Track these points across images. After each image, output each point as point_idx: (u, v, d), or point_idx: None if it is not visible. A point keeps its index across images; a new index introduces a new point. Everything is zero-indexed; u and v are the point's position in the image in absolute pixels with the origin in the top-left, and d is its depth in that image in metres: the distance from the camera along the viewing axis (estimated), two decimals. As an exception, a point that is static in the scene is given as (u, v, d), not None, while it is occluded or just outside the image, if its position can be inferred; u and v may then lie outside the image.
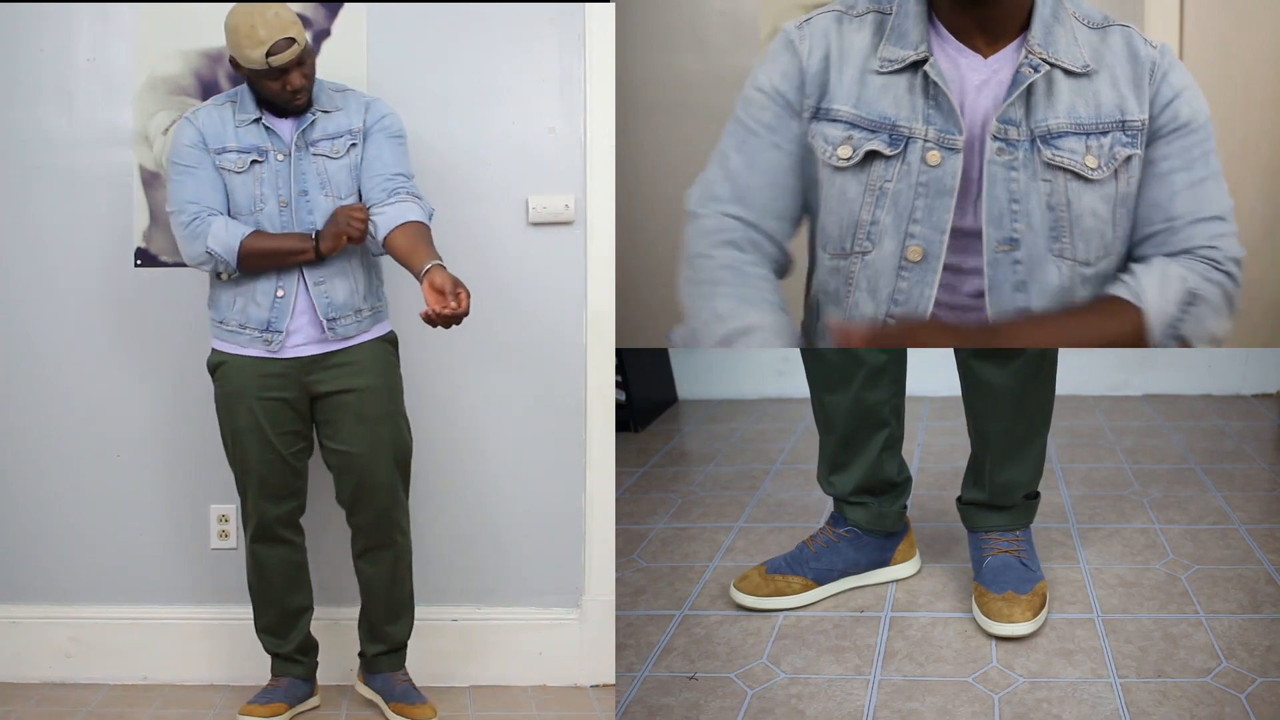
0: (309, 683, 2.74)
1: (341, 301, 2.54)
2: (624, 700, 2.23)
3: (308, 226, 2.52)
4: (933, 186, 1.95)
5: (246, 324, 2.54)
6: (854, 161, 1.97)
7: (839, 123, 1.99)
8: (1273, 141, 3.20)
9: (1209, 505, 3.13)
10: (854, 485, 2.60)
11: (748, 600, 2.54)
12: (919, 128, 1.94)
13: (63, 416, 2.90)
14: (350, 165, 2.55)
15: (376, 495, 2.60)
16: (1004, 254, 1.94)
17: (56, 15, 2.83)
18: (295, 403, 2.57)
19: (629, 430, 4.12)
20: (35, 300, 2.88)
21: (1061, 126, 1.93)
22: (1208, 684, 2.17)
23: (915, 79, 1.96)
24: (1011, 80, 1.93)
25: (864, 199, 1.98)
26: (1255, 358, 4.32)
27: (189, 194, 2.51)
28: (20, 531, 2.91)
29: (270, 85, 2.48)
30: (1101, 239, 1.96)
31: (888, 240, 1.97)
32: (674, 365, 4.62)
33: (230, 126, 2.54)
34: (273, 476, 2.60)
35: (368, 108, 2.59)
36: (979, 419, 2.51)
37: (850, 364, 2.49)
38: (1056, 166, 1.92)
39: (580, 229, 2.90)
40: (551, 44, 2.88)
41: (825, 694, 2.20)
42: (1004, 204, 1.93)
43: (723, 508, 3.26)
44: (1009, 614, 2.37)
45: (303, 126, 2.53)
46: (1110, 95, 1.95)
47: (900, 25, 1.98)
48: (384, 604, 2.68)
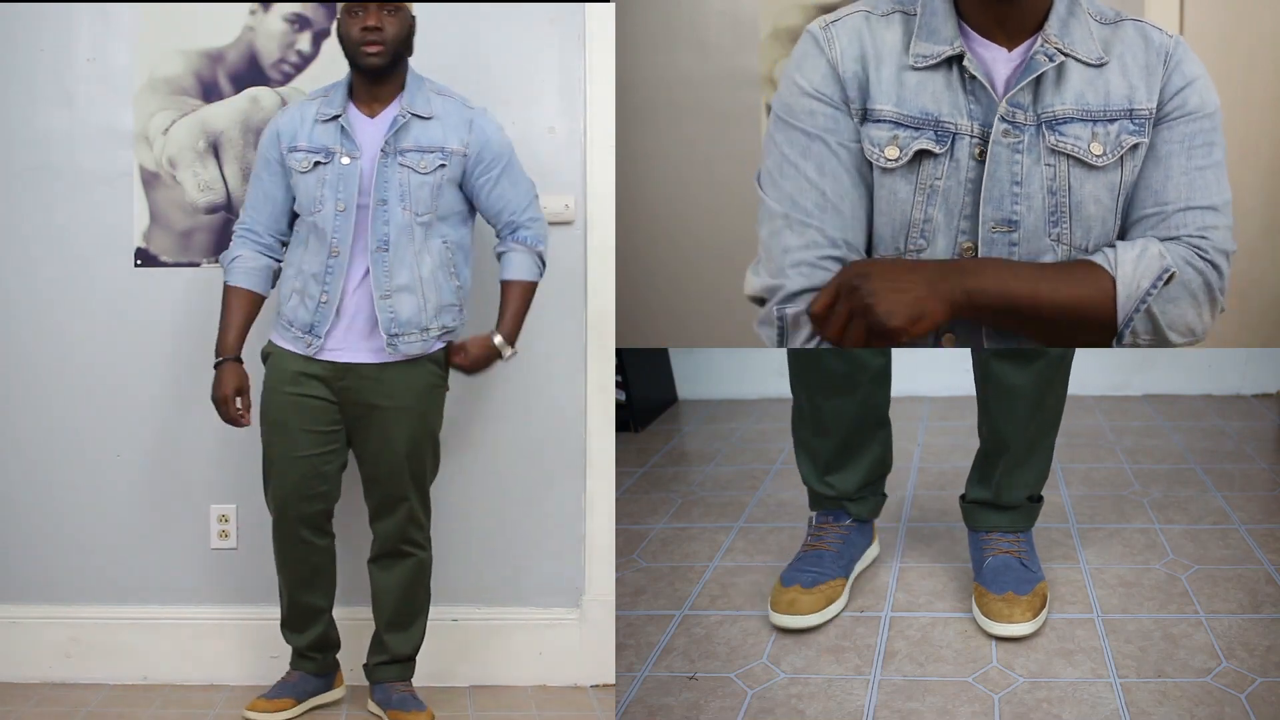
0: (322, 678, 2.74)
1: (406, 318, 2.51)
2: (624, 700, 2.23)
3: (381, 238, 2.48)
4: (980, 181, 1.93)
5: (294, 322, 2.54)
6: (903, 162, 1.94)
7: (883, 123, 1.95)
8: (1273, 141, 3.20)
9: (1209, 505, 3.12)
10: (858, 483, 2.62)
11: (811, 620, 2.43)
12: (964, 123, 1.92)
13: (62, 416, 2.90)
14: (434, 184, 2.50)
15: (397, 510, 2.62)
16: (1001, 234, 1.93)
17: (56, 15, 2.83)
18: (326, 406, 2.56)
19: (629, 430, 4.12)
20: (35, 300, 2.88)
21: (1068, 113, 1.92)
22: (1208, 684, 2.17)
23: (951, 75, 1.94)
24: (1024, 66, 1.93)
25: (915, 198, 1.95)
26: (1255, 358, 4.32)
27: (247, 202, 2.62)
28: (20, 531, 2.91)
29: (350, 25, 2.46)
30: (1103, 226, 1.95)
31: (940, 238, 1.94)
32: (674, 365, 4.62)
33: (309, 124, 2.52)
34: (293, 473, 2.57)
35: (470, 126, 2.54)
36: (995, 420, 2.51)
37: (855, 370, 2.50)
38: (1060, 152, 1.92)
39: (580, 229, 2.91)
40: (551, 44, 2.89)
41: (825, 694, 2.20)
42: (1005, 185, 1.92)
43: (723, 508, 3.25)
44: (1009, 614, 2.37)
45: (394, 130, 2.49)
46: (1120, 84, 1.95)
47: (929, 22, 1.96)
48: (389, 613, 2.68)
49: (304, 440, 2.56)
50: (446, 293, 2.55)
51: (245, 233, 2.59)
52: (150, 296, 2.87)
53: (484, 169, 2.55)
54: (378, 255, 2.49)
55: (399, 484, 2.60)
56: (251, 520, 2.86)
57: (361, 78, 2.52)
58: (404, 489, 2.60)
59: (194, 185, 2.86)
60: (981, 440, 2.59)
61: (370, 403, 2.55)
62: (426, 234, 2.52)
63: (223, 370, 2.55)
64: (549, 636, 2.96)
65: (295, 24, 2.85)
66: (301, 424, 2.55)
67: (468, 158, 2.53)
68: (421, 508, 2.65)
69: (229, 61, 2.85)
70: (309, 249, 2.53)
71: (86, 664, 2.90)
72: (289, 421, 2.55)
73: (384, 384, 2.54)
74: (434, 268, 2.53)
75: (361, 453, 2.60)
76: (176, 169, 2.85)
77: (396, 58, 2.50)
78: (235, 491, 2.90)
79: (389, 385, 2.54)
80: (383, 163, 2.49)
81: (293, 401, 2.54)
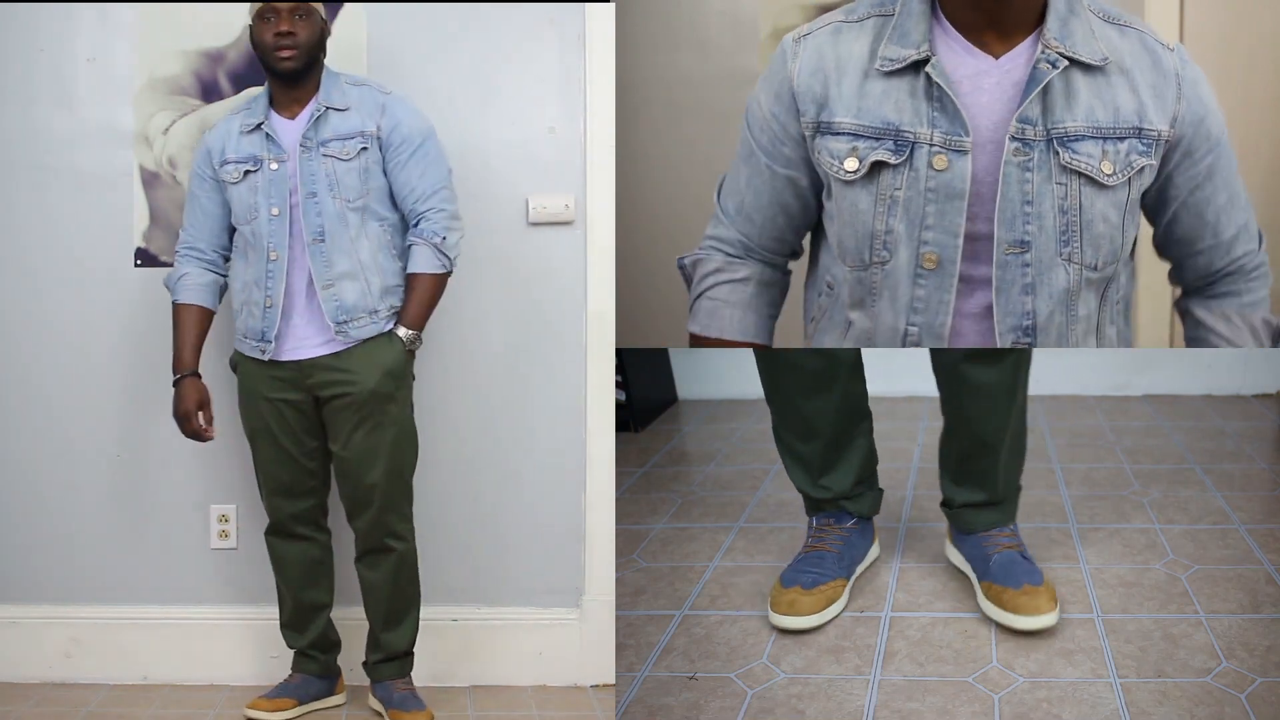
0: (325, 680, 2.74)
1: (352, 303, 2.52)
2: (624, 700, 2.23)
3: (315, 230, 2.50)
4: (942, 191, 1.91)
5: (247, 333, 2.57)
6: (861, 173, 1.95)
7: (842, 135, 1.96)
8: (1273, 141, 3.20)
9: (1209, 505, 3.12)
10: (852, 480, 2.62)
11: (811, 621, 2.42)
12: (924, 131, 1.91)
13: (62, 416, 2.90)
14: (360, 168, 2.52)
15: (370, 501, 2.60)
16: (1014, 256, 1.92)
17: (56, 15, 2.83)
18: (302, 405, 2.58)
19: (629, 430, 4.12)
20: (35, 300, 2.87)
21: (1080, 130, 1.90)
22: (1208, 684, 2.17)
23: (918, 81, 1.92)
24: (1028, 77, 1.89)
25: (876, 209, 1.95)
26: (1255, 358, 4.32)
27: (185, 221, 2.65)
28: (20, 532, 2.91)
29: (263, 30, 2.48)
30: (1111, 244, 1.95)
31: (903, 249, 1.94)
32: (674, 365, 4.62)
33: (234, 137, 2.55)
34: (284, 475, 2.62)
35: (383, 110, 2.55)
36: (973, 422, 2.49)
37: (832, 366, 2.50)
38: (1072, 170, 1.90)
39: (580, 229, 2.90)
40: (551, 44, 2.88)
41: (825, 694, 2.20)
42: (1017, 205, 1.90)
43: (723, 508, 3.25)
44: (1035, 606, 2.35)
45: (312, 123, 2.52)
46: (1129, 100, 1.92)
47: (903, 24, 1.94)
48: (381, 610, 2.68)
49: (286, 442, 2.59)
50: (390, 275, 2.56)
51: (188, 251, 2.62)
52: (150, 296, 2.87)
53: (393, 152, 2.55)
54: (314, 247, 2.51)
55: (374, 472, 2.57)
56: (251, 520, 2.86)
57: (278, 82, 2.54)
58: (379, 477, 2.58)
59: (194, 185, 2.86)
60: (954, 445, 2.58)
61: (338, 392, 2.55)
62: (362, 219, 2.53)
63: (182, 386, 2.58)
64: (549, 636, 2.96)
65: (295, 24, 2.85)
66: (280, 426, 2.58)
67: (380, 140, 2.55)
68: (404, 496, 2.64)
69: (229, 61, 2.85)
70: (248, 259, 2.56)
71: (86, 664, 2.90)
72: (269, 426, 2.59)
73: (346, 371, 2.54)
74: (373, 250, 2.54)
75: (335, 446, 2.59)
76: (176, 169, 2.85)
77: (311, 60, 2.53)
78: (235, 491, 2.90)
79: (351, 371, 2.54)
80: (305, 157, 2.51)
81: (268, 406, 2.57)
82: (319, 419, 2.60)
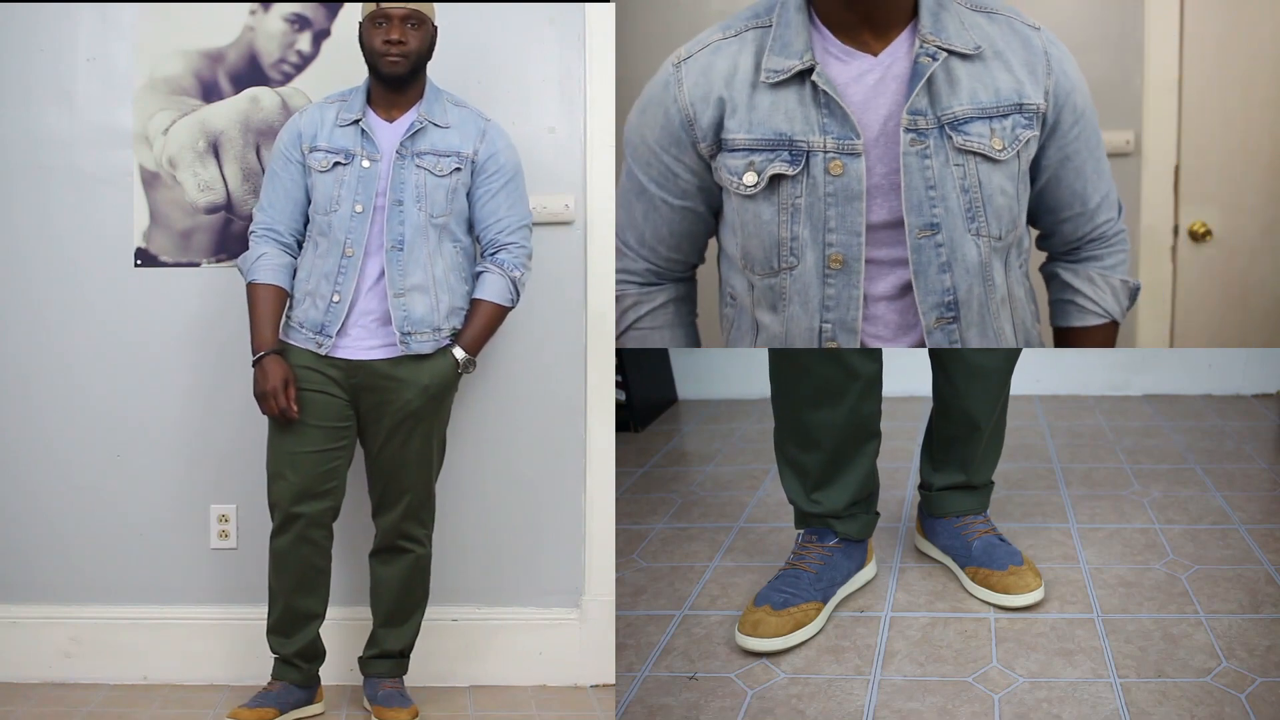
0: (305, 690, 2.69)
1: (419, 317, 2.53)
2: (624, 700, 2.23)
3: (396, 237, 2.50)
4: (841, 194, 1.98)
5: (304, 324, 2.55)
6: (761, 187, 2.01)
7: (737, 151, 2.02)
8: (1273, 141, 3.20)
9: (1209, 505, 3.12)
10: (847, 499, 2.55)
11: (774, 644, 2.34)
12: (817, 139, 1.98)
13: (62, 416, 2.90)
14: (450, 187, 2.54)
15: (398, 503, 2.63)
16: (926, 239, 2.00)
17: (56, 15, 2.83)
18: (341, 402, 2.57)
19: (629, 430, 4.12)
20: (35, 300, 2.87)
21: (968, 113, 1.99)
22: (1208, 684, 2.17)
23: (805, 90, 1.98)
24: (911, 72, 1.97)
25: (779, 218, 2.02)
26: (1255, 358, 4.32)
27: (264, 201, 2.61)
28: (21, 531, 2.91)
29: (373, 35, 2.50)
30: (1010, 214, 2.04)
31: (809, 253, 2.02)
32: (674, 365, 4.62)
33: (329, 126, 2.55)
34: (302, 471, 2.56)
35: (483, 135, 2.58)
36: (969, 403, 2.55)
37: (845, 378, 2.43)
38: (967, 151, 1.98)
39: (580, 229, 2.91)
40: (551, 44, 2.89)
41: (825, 694, 2.20)
42: (922, 192, 1.98)
43: (723, 508, 3.26)
44: (1024, 584, 2.45)
45: (410, 134, 2.52)
46: (1007, 80, 2.01)
47: (783, 35, 1.99)
48: (386, 608, 2.69)
49: (314, 436, 2.55)
50: (458, 296, 2.58)
51: (266, 231, 2.59)
52: (150, 296, 2.87)
53: (486, 179, 2.58)
54: (393, 254, 2.51)
55: (404, 478, 2.61)
56: (251, 520, 2.86)
57: (380, 85, 2.55)
58: (409, 483, 2.62)
59: (194, 185, 2.86)
60: (943, 427, 2.63)
61: (382, 398, 2.56)
62: (440, 236, 2.54)
63: (265, 364, 2.53)
64: (549, 636, 2.96)
65: (295, 24, 2.85)
66: (314, 419, 2.55)
67: (475, 163, 2.57)
68: (426, 504, 2.66)
69: (229, 61, 2.85)
70: (320, 250, 2.54)
71: (86, 664, 2.90)
72: (302, 416, 2.55)
73: (396, 379, 2.55)
74: (446, 269, 2.55)
75: (370, 447, 2.62)
76: (176, 169, 2.85)
77: (417, 68, 2.54)
78: (235, 491, 2.90)
79: (401, 380, 2.55)
80: (399, 164, 2.52)
81: (305, 397, 2.54)
82: (354, 420, 2.59)
